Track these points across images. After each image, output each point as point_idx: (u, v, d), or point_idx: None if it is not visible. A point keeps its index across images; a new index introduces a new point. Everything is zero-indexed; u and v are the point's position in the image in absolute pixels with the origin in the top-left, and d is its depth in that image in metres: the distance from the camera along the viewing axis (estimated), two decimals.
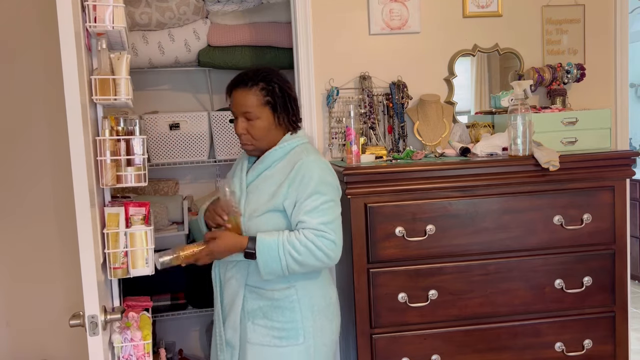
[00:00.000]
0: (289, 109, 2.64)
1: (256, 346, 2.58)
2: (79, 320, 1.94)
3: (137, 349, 2.28)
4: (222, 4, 3.94)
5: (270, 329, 2.57)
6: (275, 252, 2.44)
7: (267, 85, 2.59)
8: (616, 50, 3.61)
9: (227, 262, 2.67)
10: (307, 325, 2.59)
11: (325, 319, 2.66)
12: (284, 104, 2.62)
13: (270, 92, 2.59)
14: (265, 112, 2.59)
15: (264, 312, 2.58)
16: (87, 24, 2.12)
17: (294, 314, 2.57)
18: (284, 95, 2.62)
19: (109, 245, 2.20)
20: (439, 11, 3.48)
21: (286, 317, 2.57)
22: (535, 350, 3.03)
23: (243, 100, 2.59)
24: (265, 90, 2.58)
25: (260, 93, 2.58)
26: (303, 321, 2.58)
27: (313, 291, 2.63)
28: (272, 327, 2.57)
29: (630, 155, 3.01)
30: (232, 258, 2.62)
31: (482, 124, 3.36)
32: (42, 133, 3.70)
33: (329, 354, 2.70)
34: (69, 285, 3.75)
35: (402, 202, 2.88)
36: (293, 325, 2.57)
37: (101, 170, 2.18)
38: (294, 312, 2.57)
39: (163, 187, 4.21)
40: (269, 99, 2.58)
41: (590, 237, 3.00)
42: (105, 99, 2.17)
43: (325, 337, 2.66)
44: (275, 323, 2.57)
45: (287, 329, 2.57)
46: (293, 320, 2.57)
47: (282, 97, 2.61)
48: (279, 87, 2.61)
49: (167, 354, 4.05)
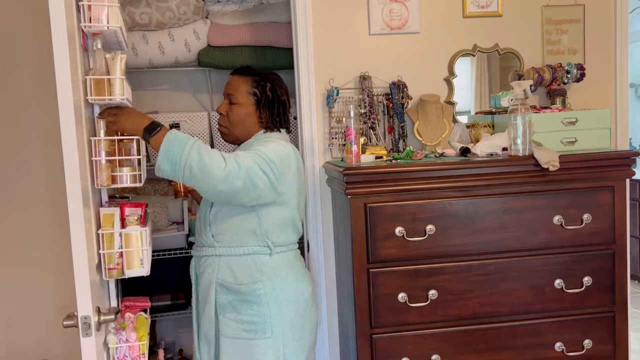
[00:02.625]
0: (274, 108, 2.74)
1: (228, 339, 2.63)
2: (73, 320, 1.94)
3: (132, 350, 2.28)
4: (222, 4, 3.94)
5: (239, 322, 2.62)
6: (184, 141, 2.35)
7: (261, 80, 2.74)
8: (616, 50, 3.60)
9: (200, 257, 2.76)
10: (274, 320, 2.63)
11: (296, 314, 2.69)
12: (271, 102, 2.74)
13: (259, 86, 2.73)
14: (248, 101, 2.72)
15: (233, 305, 2.63)
16: (82, 24, 2.11)
17: (262, 308, 2.61)
18: (273, 96, 2.75)
19: (103, 245, 2.19)
20: (439, 11, 3.47)
21: (254, 310, 2.61)
22: (535, 350, 3.02)
23: (233, 84, 2.75)
24: (255, 83, 2.73)
25: (251, 83, 2.73)
26: (271, 315, 2.62)
27: (282, 286, 2.66)
28: (242, 321, 2.62)
29: (630, 155, 2.99)
30: (204, 253, 2.71)
31: (482, 124, 3.35)
32: (37, 134, 3.70)
33: (303, 349, 2.73)
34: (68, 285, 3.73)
35: (402, 202, 2.87)
36: (261, 319, 2.61)
37: (96, 171, 2.18)
38: (261, 305, 2.61)
39: (163, 187, 4.20)
40: (255, 91, 2.72)
41: (590, 237, 2.99)
42: (101, 99, 2.16)
43: (296, 332, 2.69)
44: (244, 316, 2.62)
45: (255, 322, 2.61)
46: (261, 314, 2.61)
47: (270, 96, 2.74)
48: (271, 87, 2.75)
49: (166, 354, 4.06)
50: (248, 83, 2.73)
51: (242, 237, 2.65)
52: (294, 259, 2.78)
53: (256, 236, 2.65)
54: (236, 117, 2.72)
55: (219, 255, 2.67)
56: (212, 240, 2.69)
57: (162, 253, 3.97)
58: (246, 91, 2.72)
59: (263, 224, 2.63)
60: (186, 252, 4.00)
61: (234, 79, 2.76)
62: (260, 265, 2.65)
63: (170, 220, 3.99)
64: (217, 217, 2.67)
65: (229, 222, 2.65)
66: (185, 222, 3.98)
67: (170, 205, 3.97)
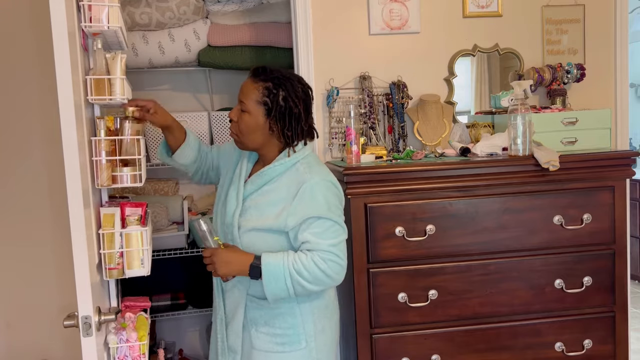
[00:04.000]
0: (285, 122, 2.48)
1: (262, 352, 2.55)
2: (73, 320, 1.94)
3: (133, 349, 2.28)
4: (222, 4, 3.94)
5: (272, 335, 2.54)
6: (282, 282, 2.37)
7: (274, 88, 2.46)
8: (616, 50, 3.60)
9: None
10: (308, 329, 2.55)
11: (325, 319, 2.63)
12: (282, 114, 2.47)
13: (271, 95, 2.46)
14: (258, 111, 2.47)
15: (265, 320, 2.55)
16: (83, 24, 2.11)
17: (295, 319, 2.54)
18: (286, 106, 2.46)
19: (104, 245, 2.19)
20: (439, 11, 3.48)
21: (287, 323, 2.54)
22: (535, 350, 3.02)
23: (245, 90, 2.50)
24: (267, 91, 2.46)
25: (262, 91, 2.46)
26: (304, 325, 2.55)
27: (313, 295, 2.57)
28: (274, 334, 2.54)
29: (630, 155, 3.00)
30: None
31: (482, 124, 3.35)
32: (38, 134, 3.70)
33: (331, 352, 2.68)
34: (68, 285, 3.73)
35: (402, 202, 2.87)
36: (295, 330, 2.54)
37: (96, 171, 2.17)
38: (295, 317, 2.54)
39: (163, 187, 4.20)
40: (266, 100, 2.46)
41: (590, 237, 2.99)
42: (101, 99, 2.16)
43: (326, 337, 2.63)
44: (277, 330, 2.54)
45: (289, 335, 2.54)
46: (294, 325, 2.54)
47: (282, 106, 2.46)
48: (285, 97, 2.46)
49: (167, 354, 4.06)
50: (259, 91, 2.46)
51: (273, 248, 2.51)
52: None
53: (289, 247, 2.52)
54: (245, 127, 2.49)
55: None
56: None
57: (162, 253, 3.97)
58: (255, 99, 2.46)
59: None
60: (186, 252, 4.00)
61: (247, 83, 2.51)
62: None
63: (170, 220, 3.99)
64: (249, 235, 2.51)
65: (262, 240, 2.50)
66: (185, 222, 3.97)
67: (170, 205, 3.97)
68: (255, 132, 2.50)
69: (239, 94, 2.53)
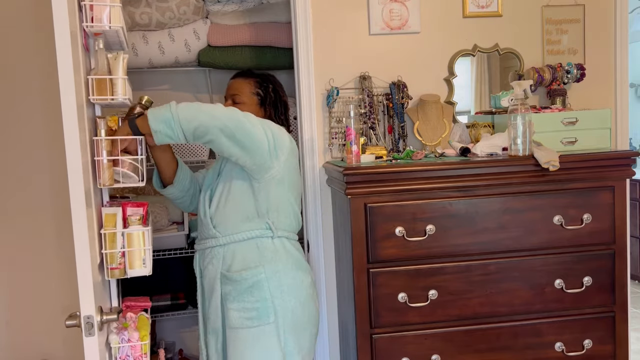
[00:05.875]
0: (277, 107, 2.88)
1: (234, 330, 2.64)
2: (75, 320, 1.94)
3: (135, 349, 2.28)
4: (222, 4, 3.94)
5: (242, 311, 2.62)
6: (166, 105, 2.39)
7: (263, 82, 2.89)
8: (616, 50, 3.60)
9: (204, 250, 2.77)
10: (276, 304, 2.65)
11: (297, 301, 2.70)
12: (274, 102, 2.88)
13: (262, 87, 2.88)
14: (252, 100, 2.85)
15: (234, 295, 2.64)
16: (84, 24, 2.11)
17: (263, 293, 2.62)
18: (276, 96, 2.91)
19: (106, 245, 2.19)
20: (438, 11, 3.48)
21: (255, 296, 2.62)
22: (535, 350, 3.02)
23: (236, 85, 2.86)
24: (258, 84, 2.88)
25: (254, 85, 2.87)
26: (273, 300, 2.64)
27: (283, 271, 2.69)
28: (244, 309, 2.62)
29: (630, 155, 3.00)
30: (207, 245, 2.72)
31: (482, 124, 3.35)
32: (39, 134, 3.70)
33: (301, 338, 2.72)
34: (68, 285, 3.75)
35: (402, 202, 2.87)
36: (263, 304, 2.62)
37: (98, 171, 2.18)
38: (263, 290, 2.62)
39: None
40: (259, 92, 2.86)
41: (590, 237, 2.99)
42: (102, 99, 2.16)
43: (296, 318, 2.70)
44: (247, 304, 2.62)
45: (257, 308, 2.62)
46: (262, 299, 2.62)
47: (273, 96, 2.90)
48: (273, 88, 2.91)
49: (167, 354, 4.06)
50: (251, 84, 2.86)
51: (244, 221, 2.67)
52: (295, 248, 2.80)
53: (258, 217, 2.68)
54: None
55: (222, 245, 2.70)
56: (214, 231, 2.71)
57: (162, 253, 3.97)
58: (249, 92, 2.83)
59: (262, 204, 2.66)
60: (186, 252, 4.00)
61: (237, 81, 2.86)
62: (262, 250, 2.68)
63: (170, 220, 3.99)
64: (217, 208, 2.71)
65: (229, 208, 2.68)
66: (185, 222, 3.98)
67: (170, 205, 3.97)
68: None
69: (229, 90, 2.88)
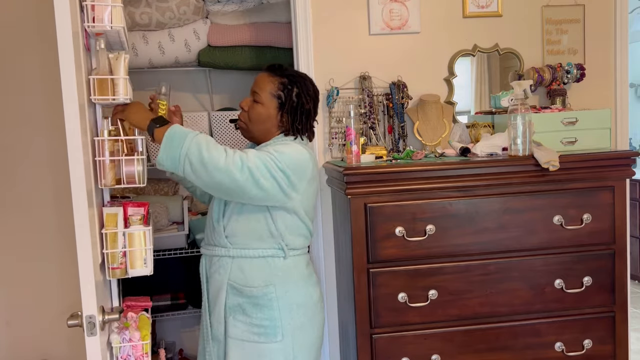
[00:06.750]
0: (297, 116, 2.64)
1: (237, 341, 2.59)
2: (77, 320, 1.94)
3: (136, 349, 2.28)
4: (222, 4, 3.94)
5: (249, 325, 2.58)
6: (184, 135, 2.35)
7: (289, 84, 2.63)
8: (616, 50, 3.61)
9: (212, 257, 2.70)
10: (285, 324, 2.59)
11: (305, 317, 2.66)
12: (294, 108, 2.63)
13: (285, 90, 2.62)
14: (271, 103, 2.63)
15: (243, 308, 2.59)
16: (86, 24, 2.11)
17: (272, 312, 2.57)
18: (298, 102, 2.63)
19: (107, 245, 2.19)
20: (439, 11, 3.48)
21: (264, 314, 2.57)
22: (535, 350, 3.02)
23: (260, 81, 2.66)
24: (282, 86, 2.62)
25: (277, 85, 2.63)
26: (282, 319, 2.59)
27: (294, 290, 2.62)
28: (251, 324, 2.58)
29: (630, 155, 3.00)
30: (216, 253, 2.66)
31: (482, 124, 3.35)
32: (41, 133, 3.70)
33: (311, 352, 2.70)
34: (69, 284, 3.74)
35: (402, 202, 2.88)
36: (271, 323, 2.57)
37: (101, 171, 2.17)
38: (272, 309, 2.57)
39: (163, 187, 4.20)
40: (280, 94, 2.62)
41: (590, 237, 3.00)
42: (104, 99, 2.16)
43: (306, 335, 2.66)
44: (254, 320, 2.58)
45: (265, 326, 2.57)
46: (271, 317, 2.58)
47: (295, 102, 2.63)
48: (298, 93, 2.63)
49: (167, 354, 4.06)
50: (274, 84, 2.63)
51: (257, 239, 2.59)
52: (305, 263, 2.73)
53: (271, 238, 2.59)
54: (256, 116, 2.64)
55: (232, 257, 2.62)
56: (225, 241, 2.62)
57: (162, 253, 3.97)
58: (270, 92, 2.62)
59: (278, 226, 2.58)
60: (186, 252, 4.00)
61: (263, 76, 2.68)
62: (273, 269, 2.60)
63: (171, 220, 3.99)
64: (231, 219, 2.61)
65: (243, 223, 2.59)
66: (185, 222, 3.98)
67: (170, 205, 3.97)
68: (264, 123, 2.65)
69: (253, 85, 2.68)
